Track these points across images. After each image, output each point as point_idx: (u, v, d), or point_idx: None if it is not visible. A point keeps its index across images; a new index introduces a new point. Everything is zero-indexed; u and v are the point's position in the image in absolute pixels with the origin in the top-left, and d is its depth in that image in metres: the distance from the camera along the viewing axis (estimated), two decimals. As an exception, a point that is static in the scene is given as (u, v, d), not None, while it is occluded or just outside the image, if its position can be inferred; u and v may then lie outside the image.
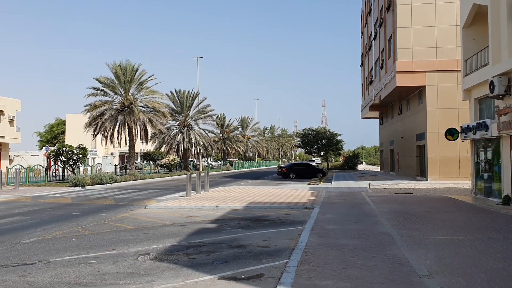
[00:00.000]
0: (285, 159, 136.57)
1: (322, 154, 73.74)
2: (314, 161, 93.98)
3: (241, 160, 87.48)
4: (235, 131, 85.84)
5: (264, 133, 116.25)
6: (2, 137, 54.72)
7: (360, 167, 77.74)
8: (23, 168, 30.46)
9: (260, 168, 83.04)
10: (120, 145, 41.15)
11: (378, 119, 54.34)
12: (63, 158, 32.99)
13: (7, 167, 34.76)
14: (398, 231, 10.93)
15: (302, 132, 75.61)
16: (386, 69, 37.19)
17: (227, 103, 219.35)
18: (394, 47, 33.43)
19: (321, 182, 32.66)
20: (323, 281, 6.54)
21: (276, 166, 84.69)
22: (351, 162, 68.53)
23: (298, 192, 23.23)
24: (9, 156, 59.06)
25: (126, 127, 39.95)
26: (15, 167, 28.63)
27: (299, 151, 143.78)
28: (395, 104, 41.87)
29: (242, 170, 68.26)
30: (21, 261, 8.27)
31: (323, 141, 70.35)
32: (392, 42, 34.73)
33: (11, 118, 56.07)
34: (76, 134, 66.55)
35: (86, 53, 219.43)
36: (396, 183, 29.81)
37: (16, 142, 59.23)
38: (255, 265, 7.83)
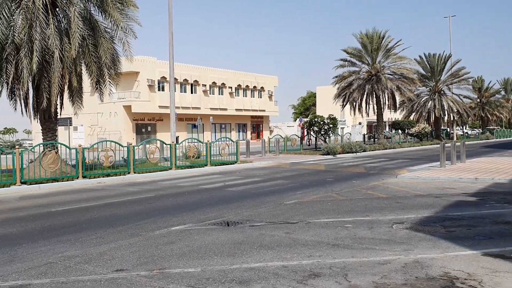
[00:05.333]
0: None
1: None
2: None
3: (504, 128, 77.73)
4: (496, 95, 76.43)
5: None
6: (263, 110, 61.65)
7: None
8: (282, 137, 33.70)
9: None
10: (368, 114, 41.45)
11: None
12: (315, 128, 35.13)
13: (268, 137, 38.99)
14: None
15: None
16: None
17: (485, 65, 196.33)
18: None
19: None
20: None
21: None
22: None
23: None
24: (270, 127, 66.30)
25: (374, 96, 39.90)
26: (275, 136, 31.92)
27: None
28: None
29: (505, 139, 60.78)
30: (285, 220, 9.17)
31: None
32: None
33: (270, 94, 62.56)
34: (326, 105, 69.98)
35: (334, 26, 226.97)
36: None
37: (275, 114, 66.00)
38: (529, 245, 6.87)
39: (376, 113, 40.73)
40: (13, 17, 16.06)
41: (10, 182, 14.94)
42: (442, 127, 54.42)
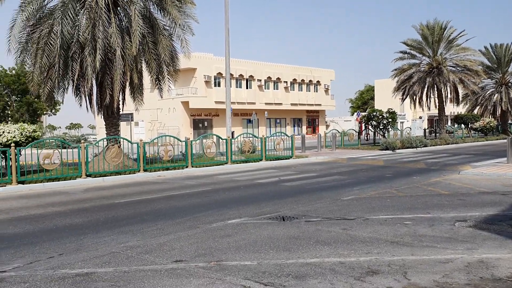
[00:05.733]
0: None
1: None
2: None
3: None
4: None
5: None
6: (319, 104, 61.03)
7: None
8: (338, 132, 33.24)
9: None
10: (429, 108, 40.02)
11: None
12: (373, 123, 34.36)
13: (324, 131, 38.54)
14: None
15: None
16: None
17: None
18: None
19: None
20: None
21: None
22: None
23: None
24: (326, 122, 65.58)
25: (435, 89, 38.46)
26: (331, 131, 31.57)
27: None
28: None
29: None
30: (342, 216, 9.05)
31: None
32: None
33: (326, 87, 61.82)
34: (385, 99, 68.29)
35: (393, 17, 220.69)
36: None
37: (331, 109, 65.15)
38: None
39: (437, 107, 39.24)
40: (78, 17, 16.85)
41: (76, 175, 15.72)
42: (510, 121, 51.58)
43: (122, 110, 19.07)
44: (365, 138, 37.98)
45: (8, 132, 15.17)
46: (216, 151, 21.83)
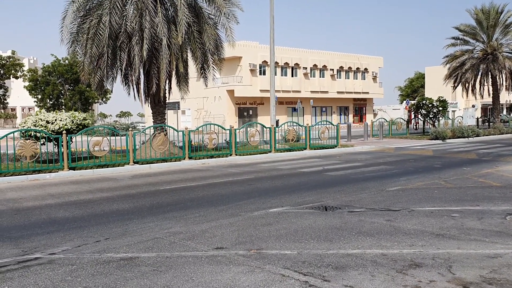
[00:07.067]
0: None
1: None
2: None
3: None
4: None
5: None
6: (367, 93, 59.83)
7: None
8: (386, 121, 32.47)
9: None
10: (482, 96, 38.38)
11: None
12: (423, 111, 33.34)
13: (372, 120, 37.77)
14: None
15: None
16: None
17: None
18: None
19: None
20: None
21: None
22: None
23: None
24: (373, 110, 64.25)
25: (489, 76, 36.79)
26: (379, 120, 30.84)
27: None
28: None
29: None
30: (387, 207, 8.84)
31: None
32: None
33: (374, 75, 60.45)
34: (436, 87, 66.07)
35: (445, 2, 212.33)
36: None
37: (379, 97, 63.69)
38: None
39: (491, 95, 37.57)
40: (125, 7, 17.22)
41: (124, 162, 16.18)
42: None
43: (169, 98, 19.39)
44: (414, 127, 36.95)
45: (60, 120, 15.78)
46: (260, 140, 21.86)
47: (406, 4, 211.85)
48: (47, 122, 15.68)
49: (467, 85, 37.60)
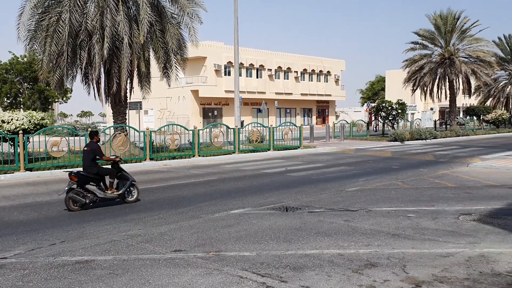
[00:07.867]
0: None
1: None
2: None
3: None
4: None
5: None
6: (329, 95, 60.68)
7: None
8: (347, 123, 33.04)
9: None
10: (440, 99, 39.65)
11: None
12: (382, 114, 34.12)
13: (333, 122, 38.35)
14: None
15: None
16: None
17: None
18: None
19: None
20: None
21: None
22: None
23: None
24: (336, 112, 65.23)
25: (447, 80, 38.03)
26: (340, 122, 31.34)
27: None
28: None
29: None
30: (345, 207, 9.00)
31: None
32: None
33: (336, 78, 61.39)
34: (396, 90, 67.68)
35: (405, 7, 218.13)
36: None
37: (341, 99, 64.75)
38: None
39: (448, 99, 38.86)
40: (86, 5, 16.84)
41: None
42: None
43: (130, 98, 19.07)
44: (374, 129, 37.72)
45: (17, 120, 15.28)
46: (224, 140, 21.82)
47: (369, 9, 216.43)
48: (3, 121, 15.15)
49: (425, 88, 38.75)
